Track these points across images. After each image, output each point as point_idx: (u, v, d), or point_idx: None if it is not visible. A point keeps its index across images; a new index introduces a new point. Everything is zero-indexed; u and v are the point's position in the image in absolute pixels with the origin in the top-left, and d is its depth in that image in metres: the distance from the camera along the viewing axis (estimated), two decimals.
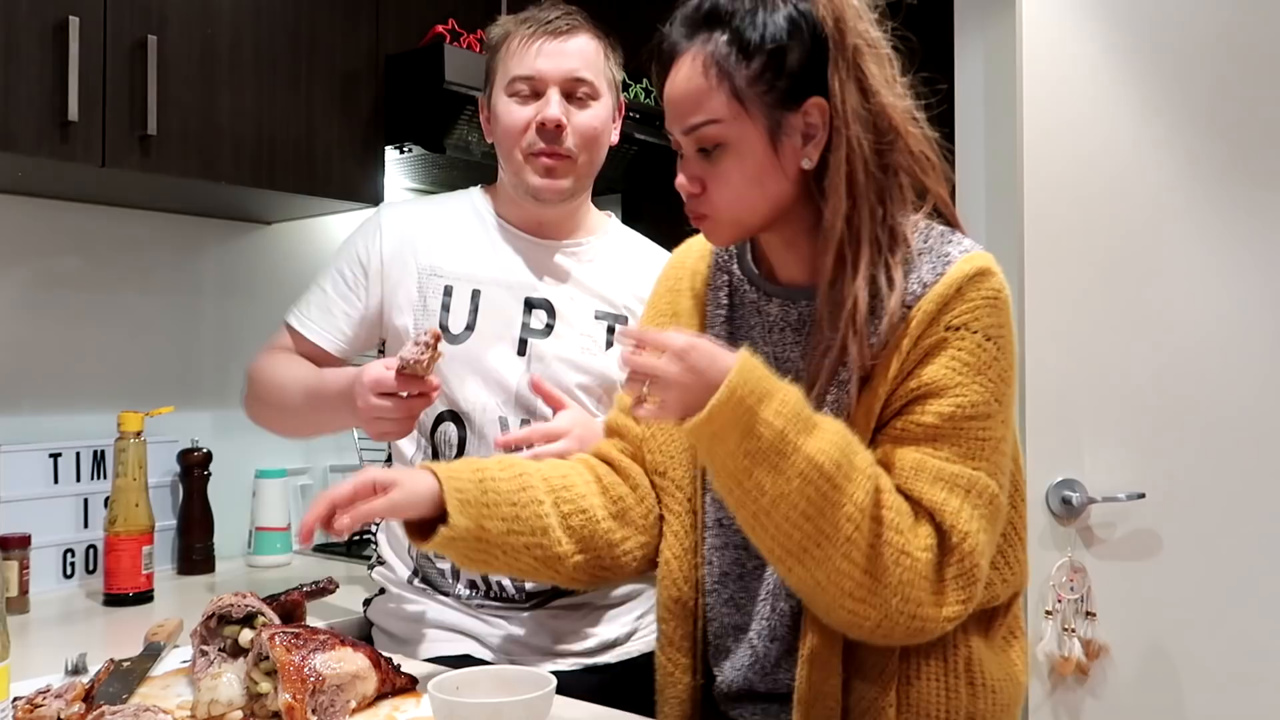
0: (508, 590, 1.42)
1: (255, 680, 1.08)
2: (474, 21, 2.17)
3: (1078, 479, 1.93)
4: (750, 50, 1.01)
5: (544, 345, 1.45)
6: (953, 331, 1.01)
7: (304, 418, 1.48)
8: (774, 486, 0.94)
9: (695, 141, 1.05)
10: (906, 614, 0.97)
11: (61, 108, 1.61)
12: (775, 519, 0.96)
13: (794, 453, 0.94)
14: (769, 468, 0.94)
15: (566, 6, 1.47)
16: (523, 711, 0.96)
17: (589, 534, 1.17)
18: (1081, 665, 1.91)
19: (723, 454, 0.95)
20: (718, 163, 1.05)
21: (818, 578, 0.97)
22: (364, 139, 2.03)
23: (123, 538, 1.75)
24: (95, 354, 2.02)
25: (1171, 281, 1.94)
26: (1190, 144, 1.95)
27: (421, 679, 1.16)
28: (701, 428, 0.94)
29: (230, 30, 1.83)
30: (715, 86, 1.02)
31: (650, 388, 0.96)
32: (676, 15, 1.07)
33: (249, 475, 2.17)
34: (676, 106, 1.06)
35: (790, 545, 0.96)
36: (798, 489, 0.94)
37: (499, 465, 1.16)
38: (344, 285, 1.51)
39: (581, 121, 1.43)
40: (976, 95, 2.47)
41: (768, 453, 0.94)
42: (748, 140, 1.03)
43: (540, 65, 1.42)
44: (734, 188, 1.05)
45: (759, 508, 0.96)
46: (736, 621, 1.14)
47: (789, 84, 1.02)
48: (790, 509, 0.95)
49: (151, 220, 2.10)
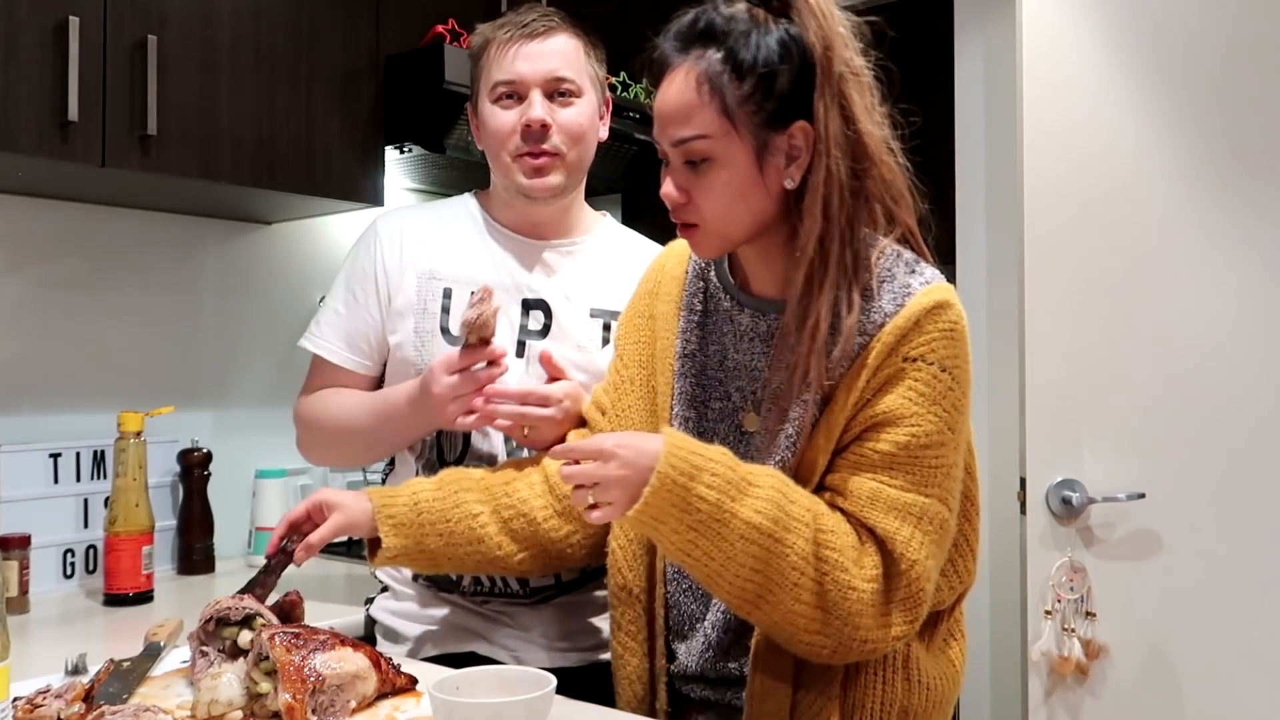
0: (512, 586, 1.42)
1: (255, 680, 1.08)
2: (474, 21, 2.14)
3: (1078, 479, 1.93)
4: (743, 70, 1.04)
5: (542, 345, 1.45)
6: (910, 363, 1.05)
7: (376, 440, 1.47)
8: (719, 552, 1.01)
9: (683, 154, 1.08)
10: (858, 639, 1.04)
11: (61, 108, 1.61)
12: (727, 578, 1.02)
13: (732, 519, 1.00)
14: (711, 537, 1.00)
15: (544, 9, 1.48)
16: (523, 711, 0.96)
17: (531, 534, 1.28)
18: (1081, 665, 1.91)
19: (667, 533, 1.01)
20: (704, 176, 1.07)
21: (774, 619, 1.05)
22: (364, 139, 2.03)
23: (123, 538, 1.76)
24: (95, 354, 2.02)
25: (1172, 282, 1.94)
26: (1190, 144, 1.95)
27: (421, 679, 1.16)
28: (642, 515, 1.00)
29: (230, 30, 1.83)
30: (707, 102, 1.05)
31: (595, 493, 1.02)
32: (671, 28, 1.10)
33: (249, 475, 2.17)
34: (667, 118, 1.08)
35: (745, 596, 1.04)
36: (741, 550, 1.00)
37: (437, 486, 1.30)
38: (355, 302, 1.50)
39: (566, 119, 1.44)
40: (976, 95, 2.47)
41: (708, 524, 1.00)
42: (735, 157, 1.06)
43: (520, 68, 1.43)
44: (718, 201, 1.08)
45: (709, 571, 1.03)
46: (694, 611, 1.21)
47: (777, 106, 1.05)
48: (739, 568, 1.01)
49: (151, 220, 2.10)
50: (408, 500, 1.28)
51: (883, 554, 1.05)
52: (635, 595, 1.22)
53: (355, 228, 1.63)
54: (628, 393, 1.26)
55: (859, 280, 1.07)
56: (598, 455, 1.03)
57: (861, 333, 1.07)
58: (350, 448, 1.51)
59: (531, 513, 1.28)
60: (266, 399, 2.25)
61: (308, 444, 1.54)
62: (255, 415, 2.24)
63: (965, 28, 2.48)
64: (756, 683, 1.11)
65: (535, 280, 1.49)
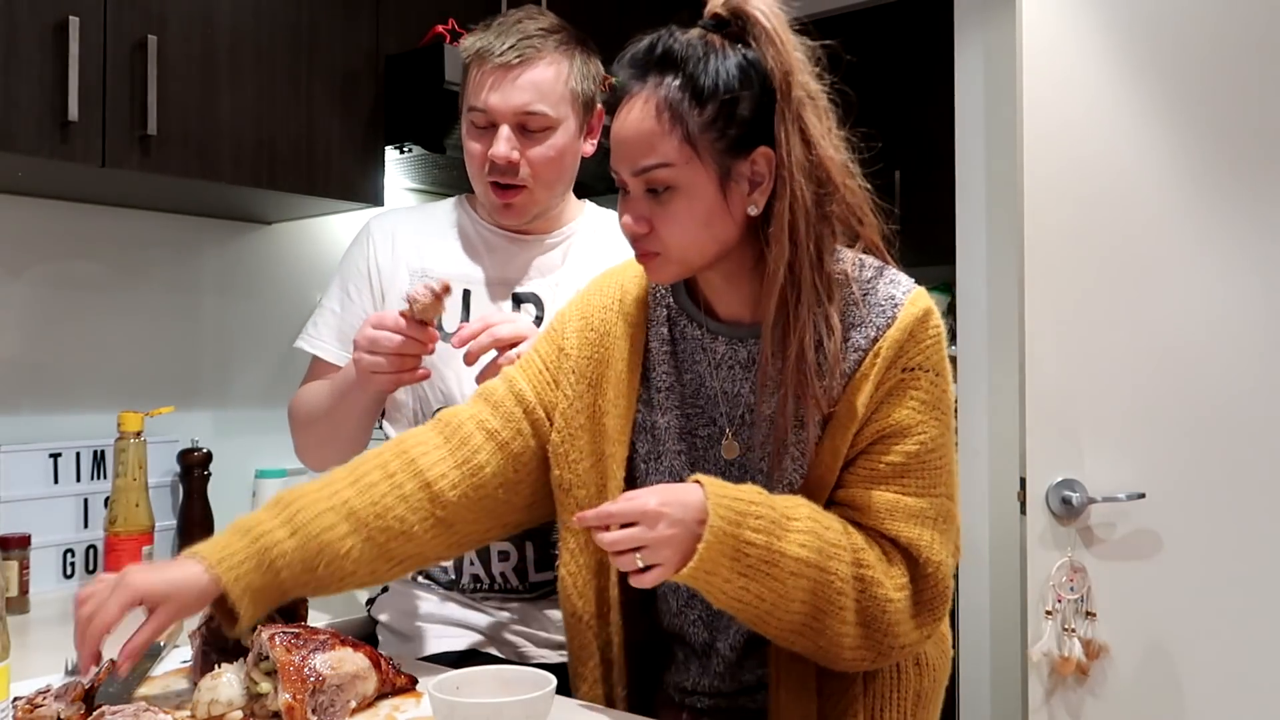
0: (511, 582, 1.42)
1: (255, 680, 1.08)
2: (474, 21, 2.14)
3: (1078, 479, 1.93)
4: (704, 96, 1.02)
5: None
6: (909, 373, 1.07)
7: (339, 419, 1.44)
8: (770, 593, 1.01)
9: (645, 182, 1.06)
10: (898, 646, 1.07)
11: (61, 108, 1.61)
12: (778, 615, 1.03)
13: (781, 558, 1.00)
14: (762, 579, 1.01)
15: (530, 26, 1.43)
16: (523, 711, 0.96)
17: (414, 554, 1.17)
18: (1081, 665, 1.91)
19: (719, 583, 1.00)
20: (667, 204, 1.06)
21: (820, 644, 1.06)
22: (364, 139, 2.03)
23: (123, 538, 1.76)
24: (95, 354, 2.02)
25: (1171, 281, 1.94)
26: (1190, 144, 1.95)
27: (421, 679, 1.16)
28: (695, 572, 0.99)
29: (230, 30, 1.83)
30: (668, 131, 1.03)
31: (644, 555, 0.99)
32: (626, 54, 1.08)
33: (249, 475, 2.17)
34: (626, 147, 1.06)
35: (794, 628, 1.05)
36: (792, 586, 1.01)
37: (288, 530, 1.10)
38: (351, 300, 1.51)
39: (536, 155, 1.43)
40: (976, 95, 2.47)
41: (758, 568, 1.00)
42: (698, 184, 1.04)
43: (491, 100, 1.41)
44: (683, 229, 1.06)
45: (760, 613, 1.03)
46: (705, 638, 1.20)
47: (739, 132, 1.04)
48: (789, 604, 1.02)
49: (151, 220, 2.10)
50: (254, 556, 1.09)
51: (908, 561, 1.07)
52: (586, 622, 1.18)
53: (355, 228, 1.63)
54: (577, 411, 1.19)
55: (834, 302, 1.07)
56: (641, 518, 0.99)
57: (855, 349, 1.07)
58: (321, 431, 1.47)
59: (410, 530, 1.15)
60: (266, 399, 2.24)
61: (296, 442, 1.53)
62: (255, 415, 2.24)
63: (965, 28, 2.48)
64: (781, 698, 1.11)
65: (525, 274, 1.50)
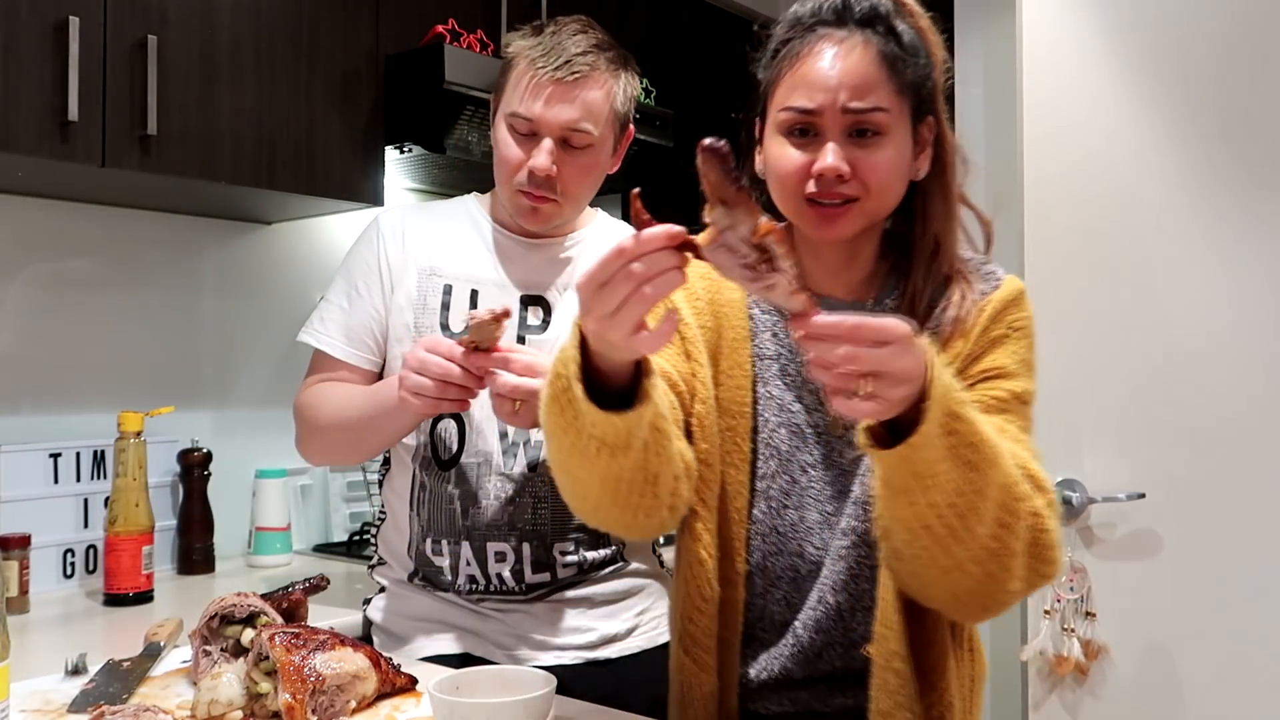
0: (508, 583, 1.42)
1: (255, 680, 1.08)
2: (474, 21, 2.17)
3: (1078, 479, 1.93)
4: (907, 56, 1.07)
5: (541, 340, 1.46)
6: (1013, 330, 1.11)
7: (368, 433, 1.44)
8: (970, 488, 0.91)
9: (855, 123, 1.05)
10: (1048, 576, 1.01)
11: (61, 108, 1.61)
12: (969, 526, 0.93)
13: (982, 444, 0.91)
14: (963, 469, 0.91)
15: (584, 41, 1.42)
16: (523, 711, 0.97)
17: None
18: (1080, 665, 1.91)
19: (925, 463, 0.89)
20: (874, 151, 1.05)
21: (992, 572, 0.96)
22: (364, 139, 2.03)
23: (123, 538, 1.76)
24: (95, 354, 2.02)
25: (1172, 282, 1.94)
26: (1190, 145, 1.95)
27: (421, 679, 1.16)
28: (926, 434, 0.87)
29: (230, 30, 1.83)
30: (886, 79, 1.05)
31: (876, 385, 0.84)
32: (820, 4, 1.09)
33: (249, 475, 2.17)
34: (844, 85, 1.04)
35: (986, 548, 0.95)
36: (989, 483, 0.92)
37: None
38: (359, 296, 1.50)
39: (573, 171, 1.43)
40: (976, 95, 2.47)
41: (962, 453, 0.90)
42: (901, 137, 1.07)
43: (541, 111, 1.39)
44: (886, 176, 1.07)
45: (954, 516, 0.92)
46: (784, 617, 1.15)
47: (922, 98, 1.09)
48: (983, 506, 0.92)
49: (151, 220, 2.10)
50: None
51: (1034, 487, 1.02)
52: (715, 605, 1.13)
53: (355, 228, 1.63)
54: (703, 383, 1.14)
55: (963, 276, 1.12)
56: (897, 340, 0.84)
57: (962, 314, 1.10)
58: (344, 438, 1.48)
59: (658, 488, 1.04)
60: (266, 399, 2.25)
61: (305, 439, 1.53)
62: (255, 415, 2.24)
63: (965, 28, 2.48)
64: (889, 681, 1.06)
65: (534, 276, 1.49)
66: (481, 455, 1.43)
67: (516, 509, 1.41)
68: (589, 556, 1.44)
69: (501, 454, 1.43)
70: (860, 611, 1.11)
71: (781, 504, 1.13)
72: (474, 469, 1.43)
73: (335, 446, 1.51)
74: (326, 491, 2.35)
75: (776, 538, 1.14)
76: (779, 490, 1.13)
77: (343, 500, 2.37)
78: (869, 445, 0.91)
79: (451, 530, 1.42)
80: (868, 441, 0.91)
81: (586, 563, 1.44)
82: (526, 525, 1.41)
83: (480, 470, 1.42)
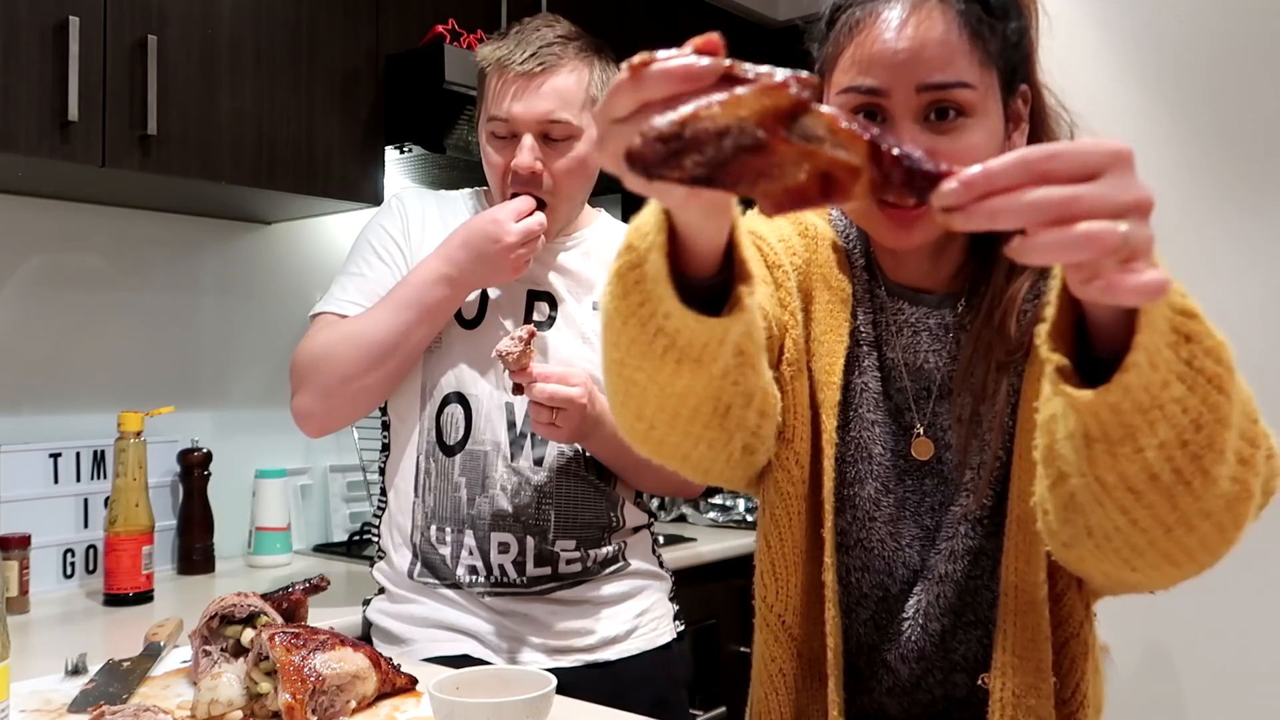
0: (509, 574, 1.42)
1: (255, 680, 1.08)
2: (474, 21, 2.17)
3: None
4: (995, 17, 0.88)
5: (547, 335, 1.46)
6: None
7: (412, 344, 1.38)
8: (1199, 401, 0.70)
9: (934, 102, 0.87)
10: (1257, 513, 0.80)
11: (61, 108, 1.61)
12: (1230, 432, 0.72)
13: (1222, 340, 0.74)
14: (1191, 376, 0.71)
15: (550, 34, 1.42)
16: (523, 711, 0.96)
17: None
18: None
19: (1155, 369, 0.67)
20: (959, 136, 0.87)
21: (1232, 494, 0.74)
22: (364, 139, 2.04)
23: (123, 538, 1.76)
24: (95, 354, 2.02)
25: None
26: (1189, 145, 1.95)
27: (421, 679, 1.16)
28: (1153, 330, 0.66)
29: (230, 30, 1.83)
30: (969, 48, 0.87)
31: (1133, 246, 0.58)
32: None
33: (249, 475, 2.17)
34: (917, 57, 0.86)
35: (1235, 482, 0.74)
36: (1239, 390, 0.74)
37: None
38: (381, 262, 1.47)
39: (560, 166, 1.42)
40: None
41: (1194, 359, 0.71)
42: (992, 116, 0.88)
43: (513, 109, 1.39)
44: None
45: (1207, 441, 0.71)
46: (873, 641, 1.02)
47: (1015, 65, 0.90)
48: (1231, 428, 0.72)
49: (151, 220, 2.10)
50: None
51: None
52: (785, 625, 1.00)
53: (355, 228, 1.63)
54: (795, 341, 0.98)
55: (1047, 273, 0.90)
56: (1095, 162, 0.58)
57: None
58: (366, 363, 1.38)
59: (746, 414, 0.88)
60: (266, 399, 2.25)
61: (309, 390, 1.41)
62: (255, 415, 2.24)
63: None
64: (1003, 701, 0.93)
65: (540, 272, 1.50)
66: (490, 444, 1.43)
67: (522, 502, 1.41)
68: (591, 554, 1.44)
69: (509, 444, 1.43)
70: (961, 630, 0.98)
71: (870, 515, 0.99)
72: (481, 457, 1.43)
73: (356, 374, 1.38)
74: (326, 491, 2.35)
75: (862, 551, 1.00)
76: (868, 499, 0.99)
77: (343, 500, 2.37)
78: (1060, 388, 0.68)
79: (456, 517, 1.42)
80: (1058, 386, 0.69)
81: (589, 560, 1.44)
82: (530, 520, 1.41)
83: (488, 459, 1.42)
